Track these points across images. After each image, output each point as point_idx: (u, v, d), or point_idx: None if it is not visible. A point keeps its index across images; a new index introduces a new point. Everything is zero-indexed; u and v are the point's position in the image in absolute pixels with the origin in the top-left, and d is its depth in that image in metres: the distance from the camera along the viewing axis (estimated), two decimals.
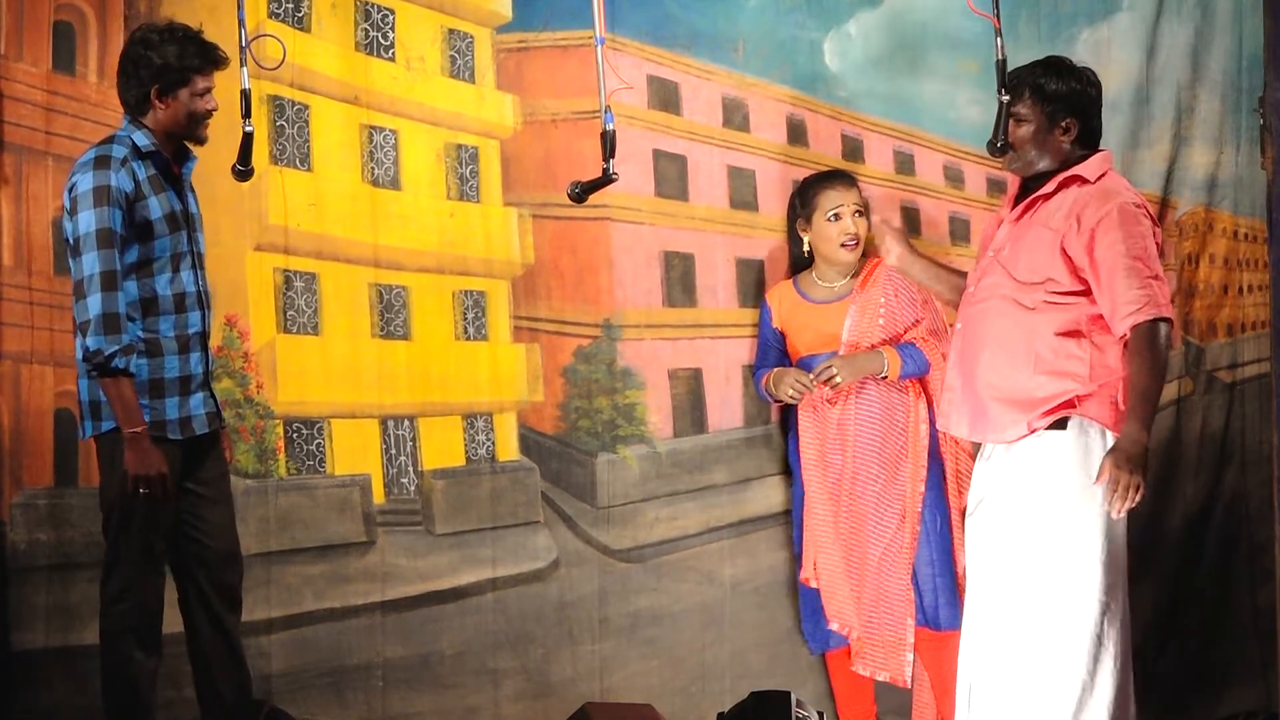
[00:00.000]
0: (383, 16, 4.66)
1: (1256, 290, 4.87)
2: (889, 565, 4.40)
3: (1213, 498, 4.89)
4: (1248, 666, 4.79)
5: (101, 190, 3.71)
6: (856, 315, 4.48)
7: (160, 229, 3.81)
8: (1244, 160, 4.82)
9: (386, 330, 4.64)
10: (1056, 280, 3.74)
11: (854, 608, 4.44)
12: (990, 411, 3.80)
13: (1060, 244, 3.73)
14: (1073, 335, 3.74)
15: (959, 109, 4.85)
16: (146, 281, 3.81)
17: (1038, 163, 3.83)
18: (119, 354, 3.70)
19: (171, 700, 4.19)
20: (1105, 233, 3.68)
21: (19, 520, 4.29)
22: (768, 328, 4.63)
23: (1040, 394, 3.74)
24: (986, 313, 3.82)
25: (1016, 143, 3.81)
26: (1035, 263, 3.75)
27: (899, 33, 4.85)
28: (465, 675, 4.61)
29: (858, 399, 4.45)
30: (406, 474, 4.63)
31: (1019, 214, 3.85)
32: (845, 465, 4.45)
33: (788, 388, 4.43)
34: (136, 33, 3.89)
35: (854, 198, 4.50)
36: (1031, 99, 3.81)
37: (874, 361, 4.41)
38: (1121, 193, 3.77)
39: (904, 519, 4.41)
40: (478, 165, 4.73)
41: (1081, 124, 3.83)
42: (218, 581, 3.97)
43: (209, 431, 3.96)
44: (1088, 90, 3.85)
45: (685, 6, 4.78)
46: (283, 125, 4.52)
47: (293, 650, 4.42)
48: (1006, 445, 3.80)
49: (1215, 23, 4.84)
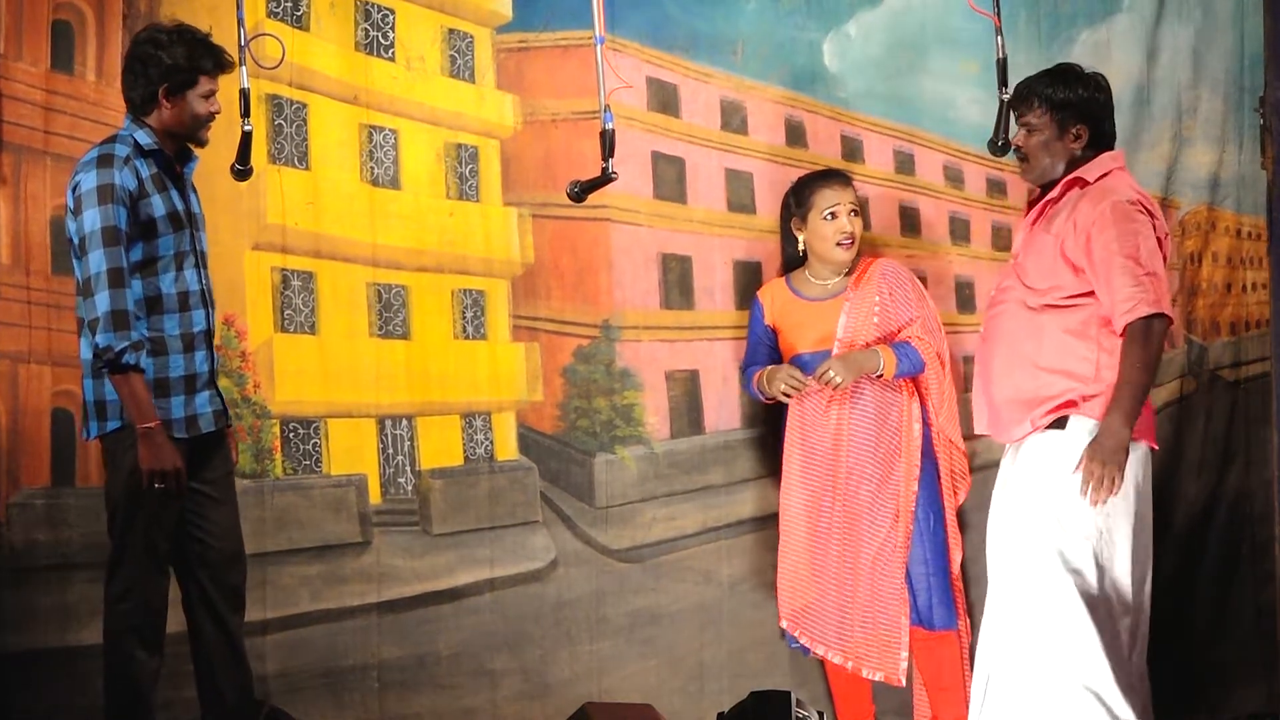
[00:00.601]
0: (383, 16, 4.66)
1: (1260, 288, 4.86)
2: (883, 564, 4.38)
3: (1216, 497, 4.88)
4: (1251, 667, 4.77)
5: (105, 189, 3.71)
6: (851, 313, 4.46)
7: (164, 227, 3.81)
8: (1247, 159, 4.81)
9: (385, 329, 4.63)
10: (1062, 284, 3.78)
11: (836, 629, 4.41)
12: (1002, 412, 3.87)
13: (1060, 248, 3.76)
14: (1079, 336, 3.77)
15: (959, 109, 4.85)
16: (151, 280, 3.81)
17: (1052, 171, 3.87)
18: (129, 350, 3.70)
19: (171, 700, 4.17)
20: (1100, 232, 3.71)
21: (16, 520, 4.27)
22: (760, 325, 4.61)
23: (1045, 394, 3.78)
24: (1001, 315, 3.90)
25: (1030, 153, 3.86)
26: (1042, 267, 3.80)
27: (899, 33, 4.86)
28: (463, 676, 4.59)
29: (852, 398, 4.44)
30: (404, 474, 4.62)
31: (1033, 219, 3.88)
32: (839, 464, 4.43)
33: (781, 384, 4.41)
34: (144, 32, 3.89)
35: (850, 196, 4.49)
36: (1041, 108, 3.85)
37: (871, 360, 4.39)
38: (1117, 190, 3.78)
39: (898, 518, 4.39)
40: (478, 165, 4.73)
41: (1092, 129, 3.86)
42: (222, 582, 3.97)
43: (215, 430, 3.95)
44: (1096, 96, 3.87)
45: (684, 8, 4.79)
46: (281, 124, 4.52)
47: (288, 651, 4.40)
48: (1016, 444, 3.86)
49: (1216, 21, 4.85)
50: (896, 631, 4.37)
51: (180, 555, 3.94)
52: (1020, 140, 3.87)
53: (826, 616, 4.44)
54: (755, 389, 4.55)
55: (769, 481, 4.77)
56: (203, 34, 3.88)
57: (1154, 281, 3.70)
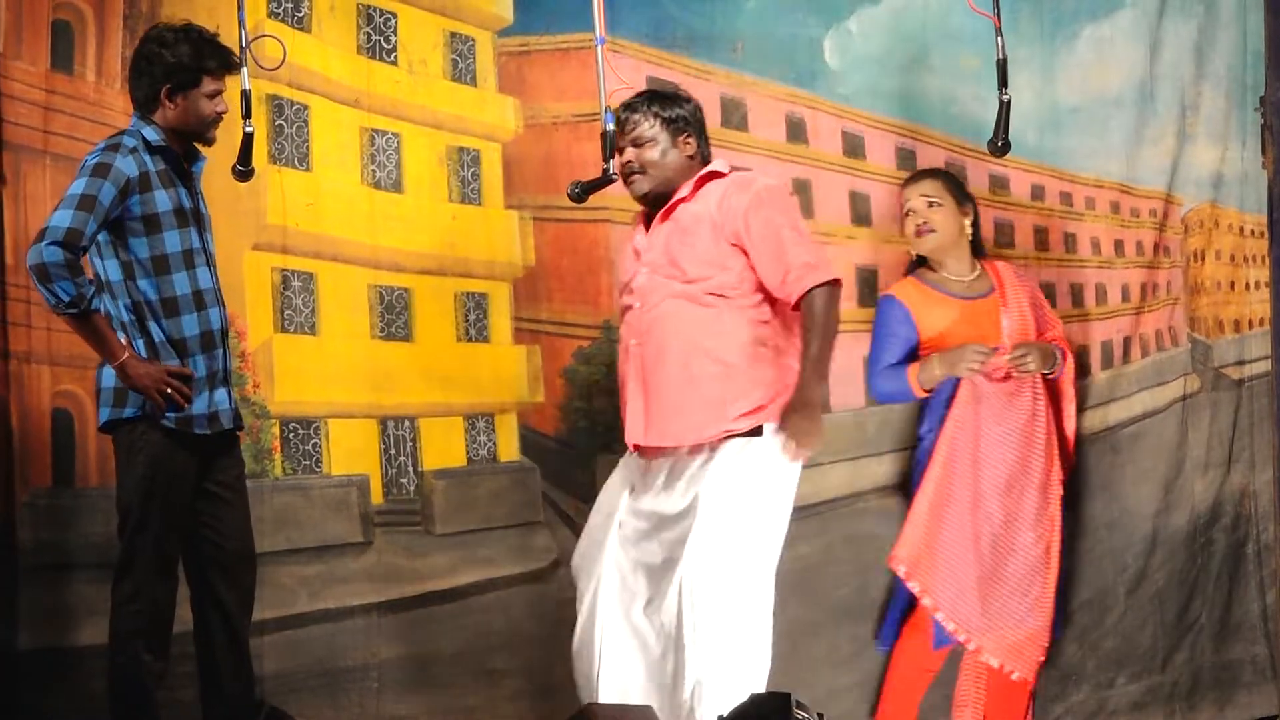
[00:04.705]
0: (385, 20, 4.68)
1: (1263, 286, 4.84)
2: (1040, 566, 4.33)
3: (1221, 496, 4.84)
4: (1257, 669, 4.74)
5: (102, 166, 3.69)
6: (1013, 314, 4.39)
7: (168, 222, 3.79)
8: (1249, 156, 4.79)
9: (388, 331, 4.64)
10: (730, 266, 3.84)
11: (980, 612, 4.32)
12: (684, 414, 3.87)
13: (719, 234, 3.84)
14: (756, 334, 3.86)
15: (961, 104, 4.83)
16: (165, 281, 3.80)
17: (672, 179, 3.96)
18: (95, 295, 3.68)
19: (165, 700, 4.17)
20: (756, 211, 3.83)
21: (22, 520, 4.28)
22: (903, 324, 4.44)
23: (738, 394, 3.83)
24: (664, 317, 3.88)
25: (647, 165, 3.94)
26: (699, 256, 3.86)
27: (900, 29, 4.85)
28: (464, 676, 4.59)
29: (1018, 395, 4.35)
30: (406, 474, 4.62)
31: (662, 219, 3.94)
32: (1004, 460, 4.33)
33: (970, 361, 4.28)
34: (151, 30, 3.89)
35: (924, 188, 4.46)
36: (655, 122, 3.96)
37: (1052, 356, 4.37)
38: (758, 178, 3.97)
39: (1052, 521, 4.37)
40: (479, 168, 4.74)
41: (698, 139, 4.00)
42: (232, 583, 3.94)
43: (227, 430, 3.95)
44: (696, 111, 4.03)
45: (685, 6, 4.79)
46: (281, 125, 4.54)
47: (285, 651, 4.40)
48: (694, 451, 3.87)
49: (1219, 18, 4.83)
50: (1045, 634, 4.34)
51: (192, 556, 3.93)
52: (633, 156, 3.94)
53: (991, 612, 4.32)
54: (913, 379, 4.38)
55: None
56: (210, 34, 3.87)
57: (821, 249, 3.89)
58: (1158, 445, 4.81)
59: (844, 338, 4.61)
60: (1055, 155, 4.65)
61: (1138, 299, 4.88)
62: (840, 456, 4.85)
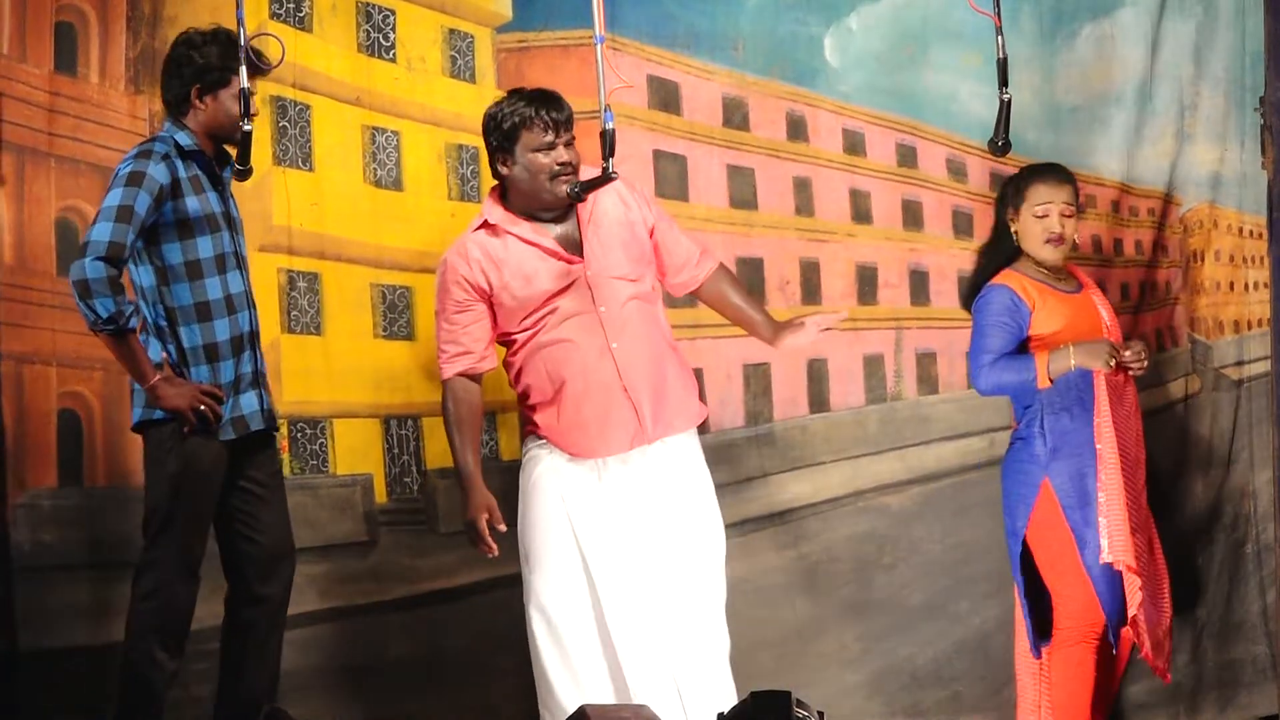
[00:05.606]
0: (384, 17, 4.68)
1: (1263, 287, 4.83)
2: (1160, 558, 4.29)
3: (1221, 496, 4.85)
4: (1258, 668, 4.76)
5: (136, 175, 3.74)
6: (1108, 310, 4.32)
7: (200, 228, 3.83)
8: (1248, 157, 4.78)
9: (390, 330, 4.65)
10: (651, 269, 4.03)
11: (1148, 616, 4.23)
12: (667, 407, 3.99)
13: (645, 233, 4.02)
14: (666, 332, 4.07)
15: (961, 102, 4.83)
16: (198, 285, 3.83)
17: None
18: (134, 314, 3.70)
19: (183, 698, 4.19)
20: (653, 205, 4.10)
21: (22, 521, 4.29)
22: (1019, 314, 4.22)
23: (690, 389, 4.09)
24: (632, 319, 3.95)
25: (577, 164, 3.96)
26: (632, 255, 3.97)
27: (900, 26, 4.85)
28: (468, 674, 4.61)
29: (1126, 389, 4.24)
30: (410, 473, 4.64)
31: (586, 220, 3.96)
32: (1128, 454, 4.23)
33: (1111, 355, 4.11)
34: (181, 34, 3.94)
35: (1064, 195, 4.25)
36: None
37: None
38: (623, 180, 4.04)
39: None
40: (479, 166, 4.74)
41: None
42: (269, 580, 3.97)
43: (262, 430, 3.96)
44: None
45: (685, 5, 4.80)
46: (285, 126, 4.54)
47: (295, 650, 4.39)
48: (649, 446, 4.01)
49: (1218, 19, 4.82)
50: (1169, 625, 4.28)
51: (229, 553, 3.96)
52: (571, 156, 3.94)
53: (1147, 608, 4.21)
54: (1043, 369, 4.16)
55: (774, 480, 4.79)
56: (237, 36, 3.89)
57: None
58: (1158, 445, 4.83)
59: (844, 336, 4.67)
60: (1055, 153, 4.64)
61: (1137, 298, 4.89)
62: (840, 456, 4.87)
